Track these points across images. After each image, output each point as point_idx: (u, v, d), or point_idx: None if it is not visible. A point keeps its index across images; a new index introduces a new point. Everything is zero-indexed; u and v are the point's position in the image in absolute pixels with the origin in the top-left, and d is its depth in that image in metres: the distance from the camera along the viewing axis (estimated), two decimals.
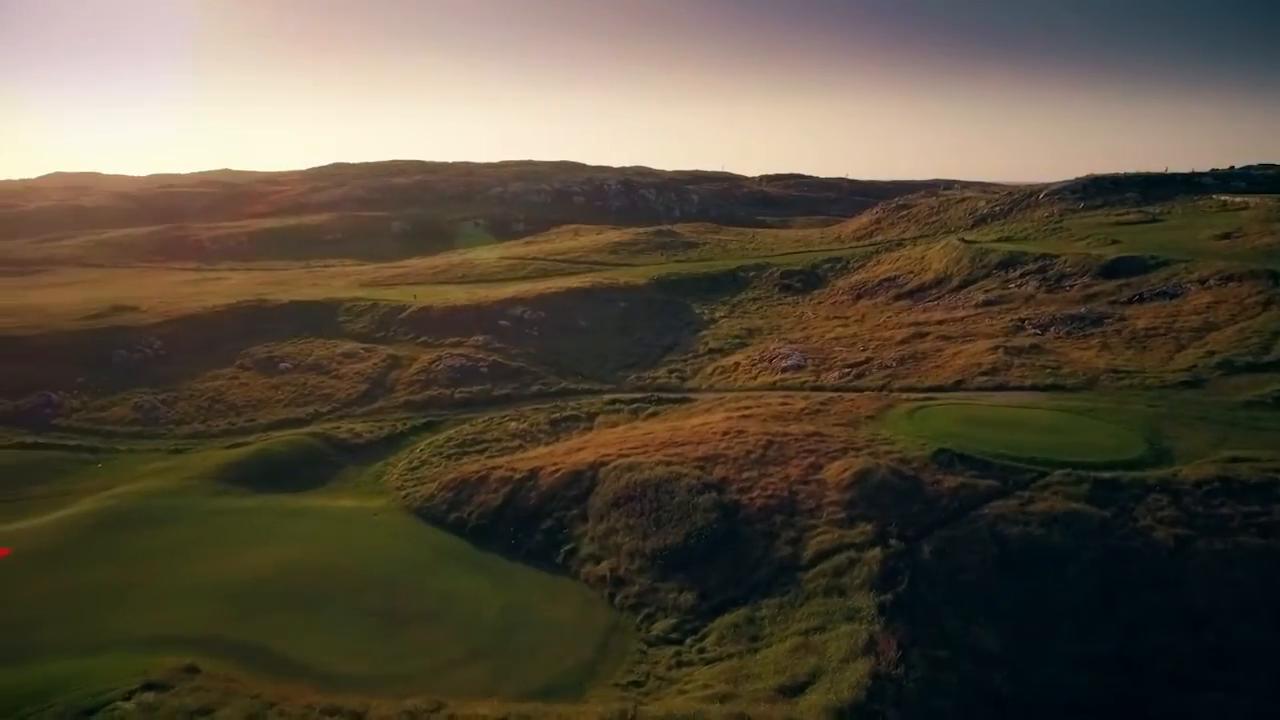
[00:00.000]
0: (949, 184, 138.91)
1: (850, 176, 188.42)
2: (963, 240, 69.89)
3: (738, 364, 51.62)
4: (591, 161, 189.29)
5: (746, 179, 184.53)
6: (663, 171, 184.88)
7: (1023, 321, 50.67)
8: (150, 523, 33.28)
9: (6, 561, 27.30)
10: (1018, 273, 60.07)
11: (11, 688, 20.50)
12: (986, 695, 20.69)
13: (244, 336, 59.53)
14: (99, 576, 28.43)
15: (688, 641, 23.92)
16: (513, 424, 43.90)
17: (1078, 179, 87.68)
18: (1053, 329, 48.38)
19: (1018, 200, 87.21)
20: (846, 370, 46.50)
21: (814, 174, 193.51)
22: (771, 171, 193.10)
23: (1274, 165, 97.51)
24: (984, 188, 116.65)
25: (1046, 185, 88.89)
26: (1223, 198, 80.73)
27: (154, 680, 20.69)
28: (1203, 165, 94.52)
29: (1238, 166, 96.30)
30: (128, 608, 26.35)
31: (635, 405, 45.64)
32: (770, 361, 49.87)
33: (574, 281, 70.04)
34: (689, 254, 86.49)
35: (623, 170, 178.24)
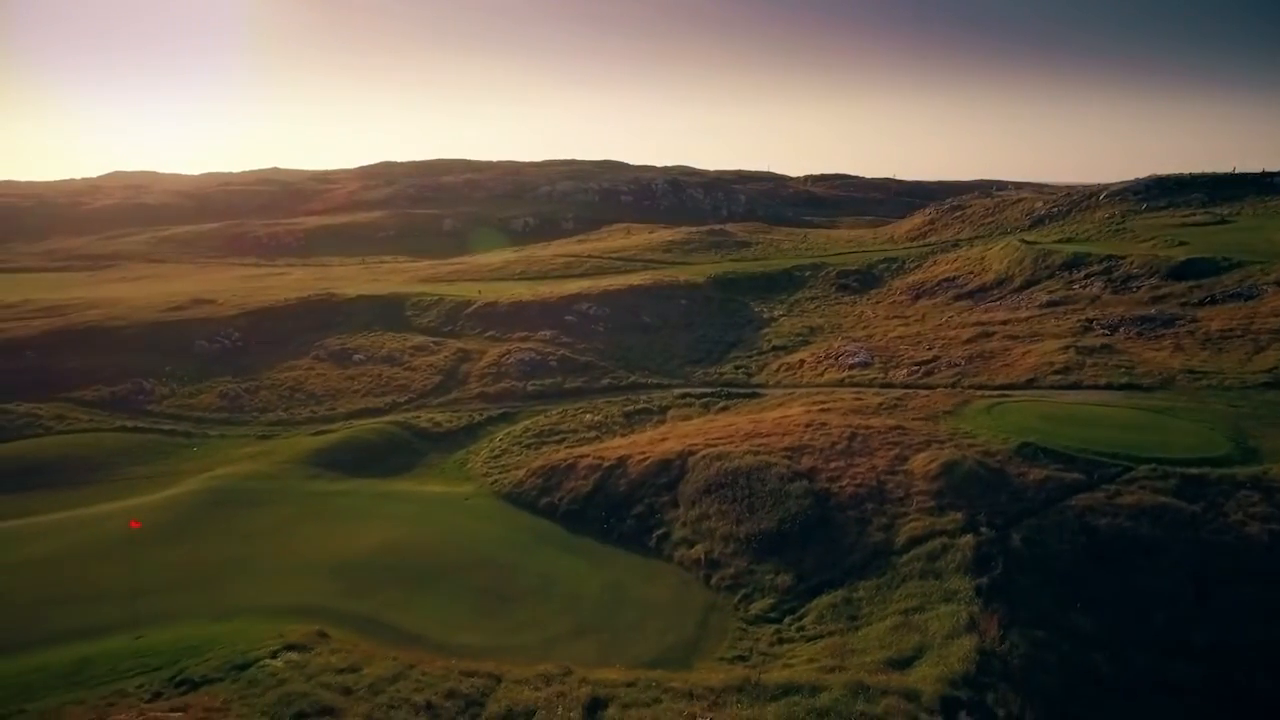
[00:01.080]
0: (1001, 185, 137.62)
1: (897, 177, 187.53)
2: (1023, 241, 69.69)
3: (803, 361, 52.25)
4: (635, 161, 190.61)
5: (792, 179, 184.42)
6: (707, 171, 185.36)
7: (1090, 322, 50.63)
8: (253, 503, 35.02)
9: (136, 534, 29.00)
10: (1082, 274, 59.87)
11: (168, 644, 22.09)
12: (1088, 675, 21.30)
13: (316, 329, 61.51)
14: (216, 551, 30.14)
15: (786, 620, 24.81)
16: (587, 416, 45.04)
17: (1139, 179, 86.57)
18: (1122, 329, 48.33)
19: (1076, 201, 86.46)
20: (915, 368, 46.95)
21: (859, 174, 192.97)
22: (816, 171, 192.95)
23: None
24: (1037, 188, 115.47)
25: (1106, 186, 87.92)
26: None
27: (293, 643, 22.12)
28: (1272, 165, 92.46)
29: None
30: (246, 580, 27.94)
31: (706, 399, 46.55)
32: (836, 359, 50.44)
33: (634, 279, 71.04)
34: (742, 253, 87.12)
35: (668, 170, 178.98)
